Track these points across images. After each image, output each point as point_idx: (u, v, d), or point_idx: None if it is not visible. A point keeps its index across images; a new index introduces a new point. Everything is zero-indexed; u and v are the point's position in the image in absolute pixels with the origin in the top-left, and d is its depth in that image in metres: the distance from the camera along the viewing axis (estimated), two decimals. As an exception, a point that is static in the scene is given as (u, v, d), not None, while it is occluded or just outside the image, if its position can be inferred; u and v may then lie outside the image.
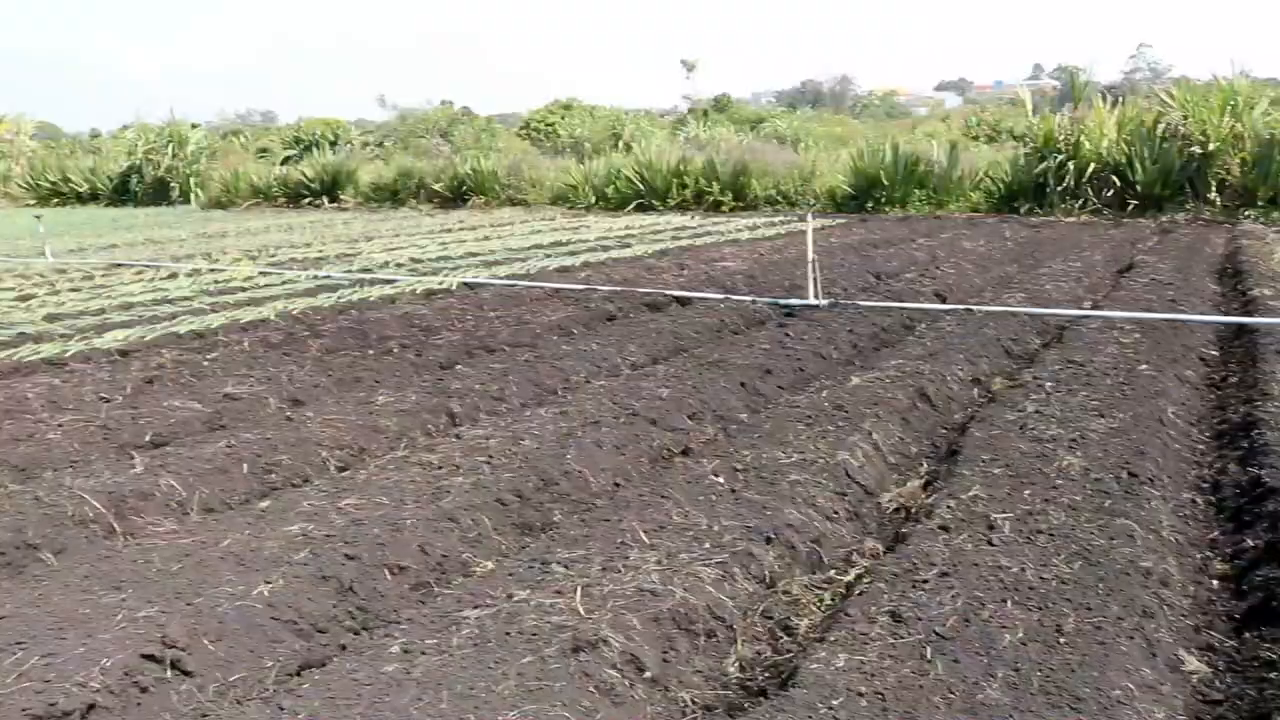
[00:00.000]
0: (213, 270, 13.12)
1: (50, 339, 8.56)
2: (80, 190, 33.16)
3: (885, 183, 18.49)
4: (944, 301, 8.98)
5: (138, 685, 3.08)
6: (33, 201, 33.68)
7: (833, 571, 3.96)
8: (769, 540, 3.98)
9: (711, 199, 20.05)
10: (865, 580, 3.64)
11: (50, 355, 7.86)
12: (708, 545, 3.85)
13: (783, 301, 9.06)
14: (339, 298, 10.16)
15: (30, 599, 3.60)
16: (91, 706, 2.94)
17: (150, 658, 3.16)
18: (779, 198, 19.83)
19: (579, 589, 3.44)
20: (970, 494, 4.23)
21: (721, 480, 4.50)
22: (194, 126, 32.75)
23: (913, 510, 4.42)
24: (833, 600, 3.69)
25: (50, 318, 9.67)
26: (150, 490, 4.68)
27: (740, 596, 3.62)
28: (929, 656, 2.98)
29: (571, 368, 6.77)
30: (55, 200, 33.24)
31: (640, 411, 5.55)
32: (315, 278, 11.90)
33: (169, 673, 3.15)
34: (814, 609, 3.65)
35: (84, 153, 38.59)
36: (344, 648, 3.45)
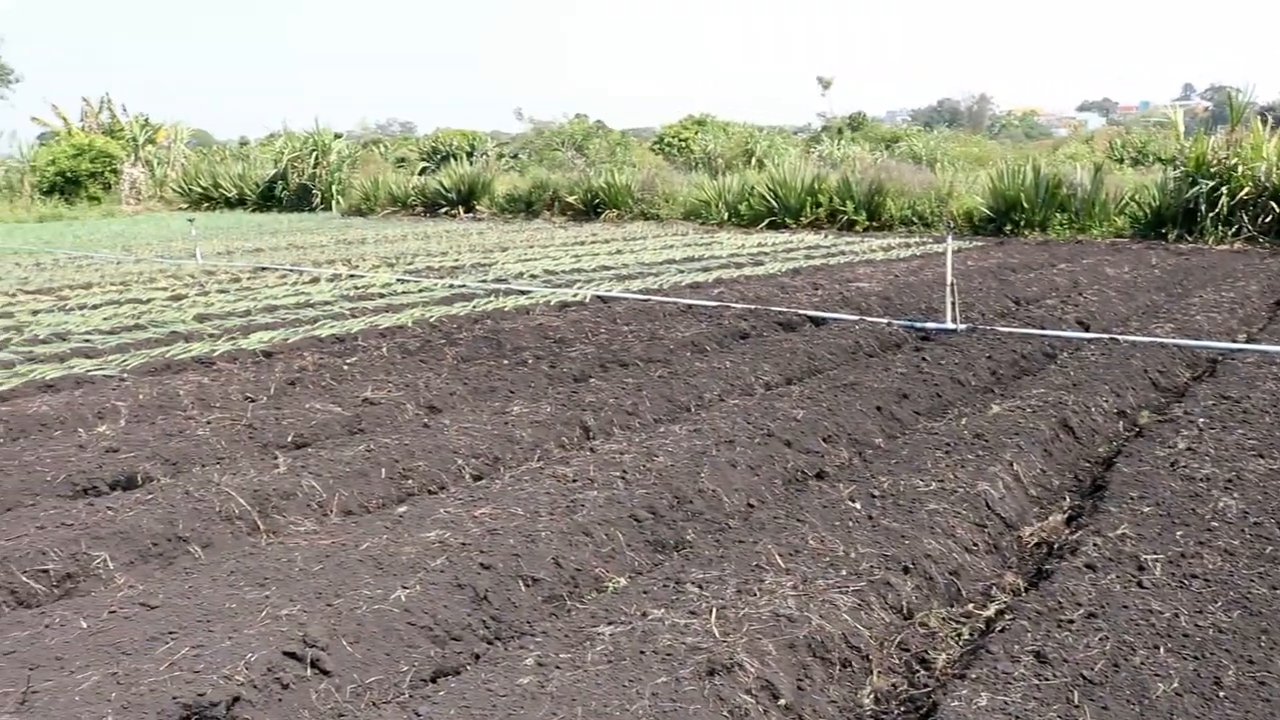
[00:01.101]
0: (352, 276, 13.49)
1: (200, 338, 8.91)
2: (229, 195, 34.45)
3: (1025, 205, 18.00)
4: (1087, 329, 8.71)
5: (279, 681, 3.15)
6: (185, 205, 35.13)
7: (971, 605, 3.86)
8: (906, 570, 3.90)
9: (845, 218, 19.81)
10: (1006, 616, 3.53)
11: (200, 354, 8.18)
12: (844, 572, 3.79)
13: (919, 325, 8.91)
14: (474, 307, 10.34)
15: (181, 590, 3.73)
16: (236, 699, 3.02)
17: (292, 655, 3.24)
18: (914, 218, 19.49)
19: (714, 610, 3.41)
20: (1118, 532, 4.07)
21: (858, 506, 4.43)
22: (336, 136, 33.71)
23: (1055, 546, 4.28)
24: (971, 635, 3.59)
25: (200, 318, 10.07)
26: (292, 490, 4.82)
27: (876, 626, 3.55)
28: (1076, 701, 2.87)
29: (705, 385, 6.75)
30: (205, 204, 34.61)
31: (775, 432, 5.50)
32: (451, 286, 12.14)
33: (309, 671, 3.22)
34: (952, 643, 3.56)
35: (233, 159, 40.08)
36: (478, 657, 3.49)
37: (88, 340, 8.87)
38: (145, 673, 3.08)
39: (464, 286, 12.08)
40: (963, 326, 8.64)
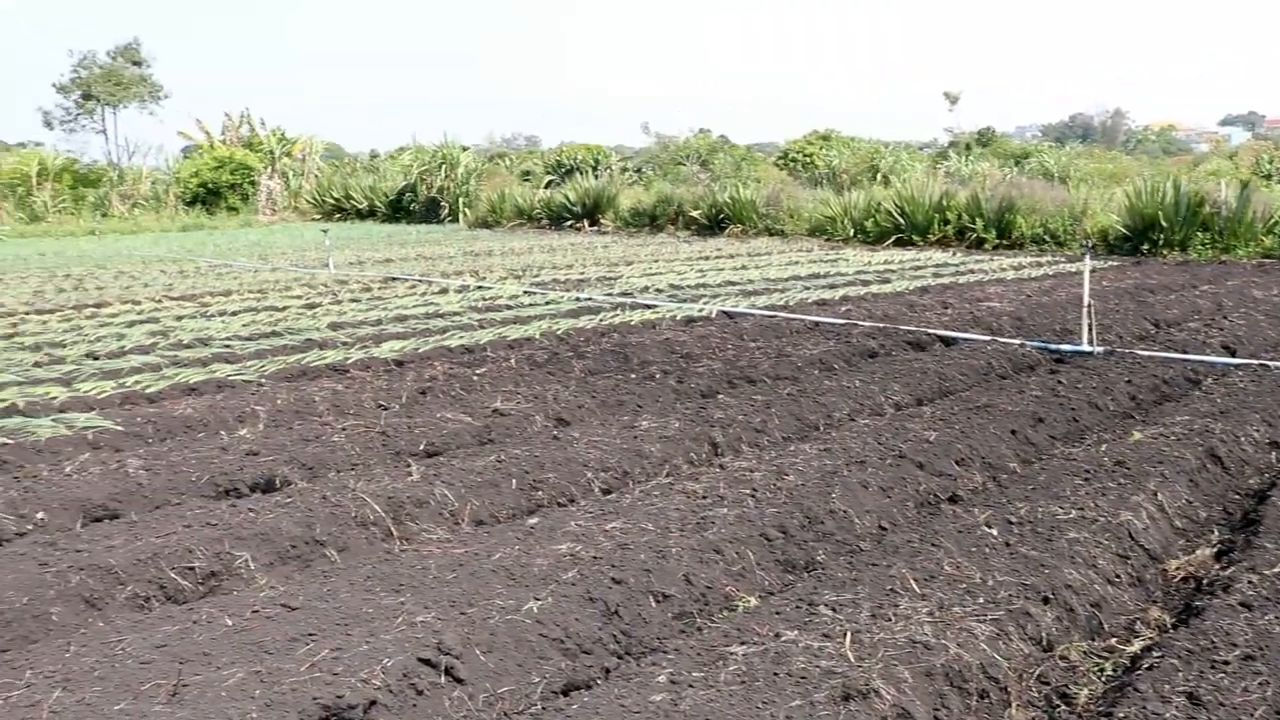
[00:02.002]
0: (480, 287, 13.70)
1: (334, 346, 9.14)
2: (360, 207, 35.40)
3: (1164, 224, 17.39)
4: (1233, 354, 8.37)
5: (414, 687, 3.19)
6: (318, 216, 36.21)
7: (1114, 640, 3.72)
8: (1046, 600, 3.78)
9: (974, 236, 19.41)
10: (1154, 654, 3.39)
11: (334, 361, 8.40)
12: (981, 600, 3.69)
13: (1053, 347, 8.67)
14: (600, 320, 10.40)
15: (319, 593, 3.82)
16: (373, 703, 3.07)
17: (426, 662, 3.28)
18: (1046, 237, 19.00)
19: (848, 634, 3.35)
20: (1275, 570, 3.89)
21: (994, 532, 4.32)
22: (464, 149, 34.34)
23: (1204, 581, 4.10)
24: (1115, 671, 3.46)
25: (333, 326, 10.34)
26: (425, 498, 4.90)
27: (1015, 657, 3.45)
28: (1234, 746, 2.74)
29: (833, 404, 6.67)
30: (337, 215, 35.64)
31: (906, 454, 5.40)
32: (577, 299, 12.24)
33: (443, 678, 3.26)
34: (1094, 679, 3.43)
35: (364, 172, 41.17)
36: (608, 671, 3.49)
37: (228, 346, 9.17)
38: (287, 672, 3.15)
39: (590, 300, 12.17)
40: (1100, 349, 8.38)
